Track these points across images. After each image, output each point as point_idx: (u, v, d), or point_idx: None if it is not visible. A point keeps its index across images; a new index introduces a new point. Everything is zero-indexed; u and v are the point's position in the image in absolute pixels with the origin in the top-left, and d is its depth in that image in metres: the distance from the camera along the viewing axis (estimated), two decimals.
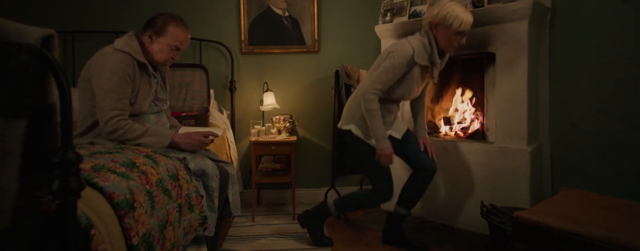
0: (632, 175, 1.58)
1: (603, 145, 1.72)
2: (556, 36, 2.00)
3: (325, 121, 2.63)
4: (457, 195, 2.14)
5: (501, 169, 1.96)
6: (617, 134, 1.65)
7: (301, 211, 2.43)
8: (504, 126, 1.99)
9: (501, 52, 2.01)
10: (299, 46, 2.65)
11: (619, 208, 1.25)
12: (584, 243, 1.12)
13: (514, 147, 1.93)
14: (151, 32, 1.47)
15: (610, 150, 1.68)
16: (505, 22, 1.97)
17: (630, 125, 1.59)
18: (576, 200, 1.35)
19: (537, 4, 1.91)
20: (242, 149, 2.63)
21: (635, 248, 1.00)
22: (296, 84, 2.67)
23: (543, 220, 1.23)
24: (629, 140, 1.60)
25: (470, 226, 2.06)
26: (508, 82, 1.99)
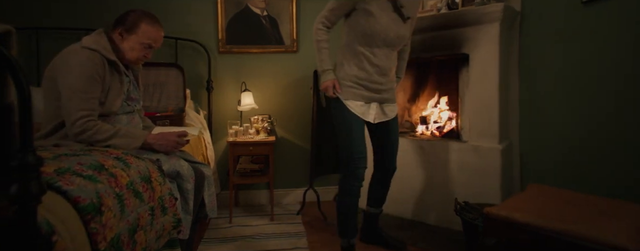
0: (594, 171, 1.66)
1: (568, 142, 1.81)
2: (525, 38, 2.08)
3: (304, 121, 2.63)
4: (432, 193, 2.19)
5: (474, 167, 2.02)
6: (581, 132, 1.74)
7: (280, 211, 2.44)
8: (477, 125, 2.06)
9: (474, 54, 2.07)
10: (278, 46, 2.64)
11: (580, 202, 1.31)
12: (547, 236, 1.17)
13: (486, 145, 2.00)
14: (122, 29, 1.42)
15: (575, 147, 1.77)
16: (478, 25, 2.04)
17: (594, 123, 1.67)
18: (542, 196, 1.41)
19: (508, 7, 1.98)
20: (219, 150, 2.60)
21: (590, 239, 1.06)
22: (275, 84, 2.66)
23: (511, 215, 1.28)
24: (592, 137, 1.68)
25: (445, 223, 2.11)
26: (481, 83, 2.05)
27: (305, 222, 2.26)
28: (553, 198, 1.38)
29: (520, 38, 2.10)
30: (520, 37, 2.10)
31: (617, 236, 1.03)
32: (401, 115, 2.56)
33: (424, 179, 2.22)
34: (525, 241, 1.26)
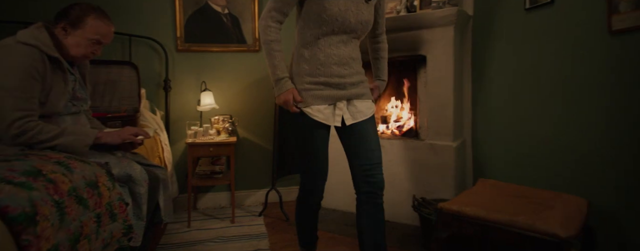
0: (537, 165, 1.79)
1: (515, 139, 1.93)
2: (477, 41, 2.19)
3: (267, 121, 2.61)
4: (392, 191, 2.25)
5: (431, 164, 2.11)
6: (527, 129, 1.87)
7: (242, 213, 2.40)
8: (434, 124, 2.15)
9: (431, 55, 2.16)
10: (240, 45, 2.59)
11: (523, 194, 1.41)
12: (493, 227, 1.25)
13: (442, 143, 2.09)
14: (65, 23, 1.33)
15: (521, 143, 1.90)
16: (434, 28, 2.12)
17: (538, 121, 1.80)
18: (490, 190, 1.50)
19: (461, 11, 2.08)
20: (177, 152, 2.50)
21: (529, 228, 1.15)
22: (236, 84, 2.61)
23: (461, 210, 1.35)
24: (537, 134, 1.81)
25: (404, 219, 2.18)
26: (437, 83, 2.14)
27: (267, 223, 2.25)
28: (499, 191, 1.47)
29: (473, 41, 2.22)
30: (472, 40, 2.22)
31: (551, 225, 1.12)
32: None
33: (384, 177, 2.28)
34: (474, 233, 1.34)
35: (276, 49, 1.30)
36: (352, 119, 1.38)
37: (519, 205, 1.31)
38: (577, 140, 1.58)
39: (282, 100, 1.32)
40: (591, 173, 1.51)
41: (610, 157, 1.43)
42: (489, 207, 1.32)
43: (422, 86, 2.25)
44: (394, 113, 2.47)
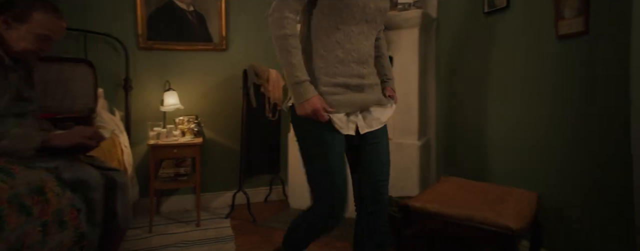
0: (496, 161, 1.88)
1: (476, 137, 2.02)
2: (441, 42, 2.27)
3: (234, 121, 2.55)
4: None
5: (397, 163, 2.14)
6: (486, 128, 1.95)
7: (208, 216, 2.33)
8: (400, 123, 2.20)
9: (397, 56, 2.20)
10: (206, 43, 2.52)
11: (481, 190, 1.47)
12: (453, 223, 1.30)
13: (407, 142, 2.14)
14: (8, 16, 1.23)
15: (481, 141, 1.98)
16: (400, 29, 2.17)
17: (497, 120, 1.89)
18: (451, 187, 1.56)
19: (426, 14, 2.14)
20: (139, 154, 2.40)
21: (485, 222, 1.21)
22: (202, 83, 2.53)
23: (424, 206, 1.39)
24: (495, 132, 1.90)
25: None
26: (403, 83, 2.19)
27: (234, 226, 2.20)
28: (460, 188, 1.53)
29: (437, 42, 2.29)
30: (436, 42, 2.29)
31: (505, 218, 1.18)
32: None
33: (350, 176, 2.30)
34: (437, 229, 1.38)
35: (294, 45, 1.05)
36: (366, 127, 1.19)
37: (476, 200, 1.37)
38: (530, 137, 1.67)
39: (310, 110, 1.04)
40: (542, 169, 1.61)
41: (559, 153, 1.53)
42: (449, 203, 1.37)
43: None
44: None
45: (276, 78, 2.58)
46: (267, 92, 2.52)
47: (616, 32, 1.29)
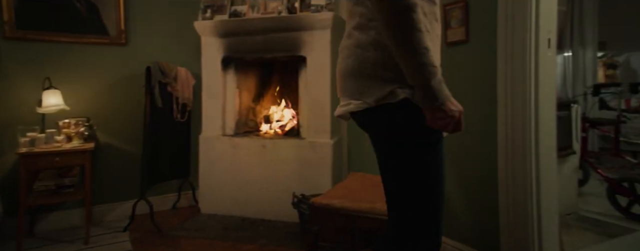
0: None
1: None
2: None
3: (135, 123, 2.29)
4: (274, 190, 2.23)
5: (311, 161, 2.16)
6: None
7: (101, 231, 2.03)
8: (313, 123, 2.21)
9: (311, 56, 2.23)
10: (100, 36, 2.23)
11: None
12: (356, 216, 1.33)
13: (320, 141, 2.16)
14: None
15: None
16: (313, 30, 2.20)
17: None
18: (357, 182, 1.60)
19: (337, 16, 2.21)
20: (6, 164, 1.99)
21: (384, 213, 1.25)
22: (96, 82, 2.23)
23: (331, 203, 1.40)
24: None
25: (286, 217, 2.18)
26: (316, 83, 2.22)
27: (134, 239, 1.96)
28: (364, 182, 1.58)
29: None
30: None
31: None
32: (246, 114, 2.54)
33: (266, 177, 2.25)
34: (343, 223, 1.40)
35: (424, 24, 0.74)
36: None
37: (379, 193, 1.42)
38: None
39: (458, 114, 0.76)
40: None
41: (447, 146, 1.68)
42: (354, 198, 1.40)
43: (303, 86, 2.30)
44: (277, 113, 2.47)
45: (185, 76, 2.40)
46: (175, 92, 2.33)
47: (488, 41, 1.47)
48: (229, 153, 2.31)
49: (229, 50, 2.36)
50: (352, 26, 0.84)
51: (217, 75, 2.38)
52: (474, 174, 1.56)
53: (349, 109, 0.82)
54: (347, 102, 0.83)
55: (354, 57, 0.81)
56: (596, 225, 2.10)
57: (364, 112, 0.80)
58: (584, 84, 3.88)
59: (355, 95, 0.81)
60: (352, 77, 0.81)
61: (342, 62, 0.86)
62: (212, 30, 2.35)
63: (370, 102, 0.77)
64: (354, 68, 0.81)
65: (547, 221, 1.30)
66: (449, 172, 1.67)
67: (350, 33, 0.85)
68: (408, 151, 0.79)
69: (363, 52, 0.79)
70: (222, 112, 2.39)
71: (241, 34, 2.33)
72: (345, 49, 0.86)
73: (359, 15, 0.81)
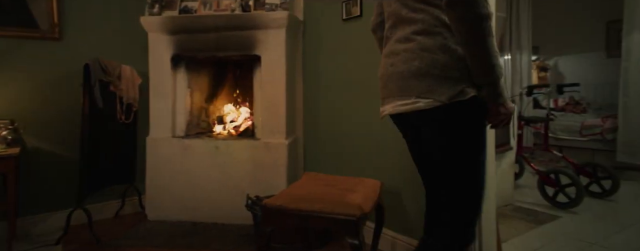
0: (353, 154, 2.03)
1: (336, 134, 2.15)
2: (307, 44, 2.36)
3: (71, 125, 2.10)
4: (228, 192, 2.17)
5: (265, 162, 2.13)
6: (344, 125, 2.09)
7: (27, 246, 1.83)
8: (268, 123, 2.18)
9: (265, 56, 2.19)
10: (27, 29, 2.02)
11: (337, 183, 1.56)
12: (310, 216, 1.32)
13: (275, 141, 2.14)
14: None
15: (340, 137, 2.12)
16: (268, 29, 2.17)
17: (351, 118, 2.04)
18: (311, 182, 1.60)
19: (292, 16, 2.19)
20: None
21: (337, 212, 1.27)
22: (24, 80, 2.02)
23: (283, 204, 1.38)
24: (350, 129, 2.05)
25: (240, 220, 2.12)
26: (271, 83, 2.19)
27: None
28: (317, 182, 1.58)
29: (304, 44, 2.37)
30: (303, 44, 2.37)
31: (352, 206, 1.27)
32: (198, 115, 2.45)
33: (219, 179, 2.18)
34: (296, 223, 1.39)
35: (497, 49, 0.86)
36: None
37: (331, 192, 1.43)
38: (375, 131, 1.86)
39: (511, 109, 0.89)
40: (385, 159, 1.81)
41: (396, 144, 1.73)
42: (308, 198, 1.40)
43: (258, 86, 2.26)
44: (231, 113, 2.40)
45: (131, 75, 2.26)
46: (119, 91, 2.18)
47: None
48: (179, 155, 2.20)
49: (180, 48, 2.26)
50: (410, 31, 0.93)
51: (166, 74, 2.26)
52: None
53: (417, 107, 0.89)
54: (411, 100, 0.90)
55: (420, 59, 0.89)
56: (528, 214, 2.29)
57: (431, 110, 0.87)
58: (520, 85, 4.23)
59: (423, 94, 0.88)
60: (418, 78, 0.89)
61: (401, 65, 0.93)
62: (160, 27, 2.23)
63: (443, 99, 0.85)
64: (421, 69, 0.88)
65: (486, 213, 1.40)
66: (401, 169, 1.73)
67: (409, 37, 0.93)
68: (470, 142, 0.90)
69: (431, 55, 0.87)
70: (172, 113, 2.27)
71: (192, 32, 2.23)
72: (404, 52, 0.93)
73: (420, 22, 0.91)
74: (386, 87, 0.99)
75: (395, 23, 0.98)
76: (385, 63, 0.99)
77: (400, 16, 0.96)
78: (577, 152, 3.66)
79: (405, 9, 0.94)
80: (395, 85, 0.95)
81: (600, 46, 4.26)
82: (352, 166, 2.01)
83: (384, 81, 1.00)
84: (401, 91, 0.93)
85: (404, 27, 0.95)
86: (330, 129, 2.18)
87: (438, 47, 0.87)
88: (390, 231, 1.76)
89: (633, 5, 3.37)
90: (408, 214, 1.69)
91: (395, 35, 0.98)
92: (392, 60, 0.96)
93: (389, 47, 0.99)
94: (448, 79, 0.86)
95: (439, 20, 0.88)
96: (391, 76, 0.96)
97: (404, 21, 0.95)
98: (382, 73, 1.00)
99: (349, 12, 2.06)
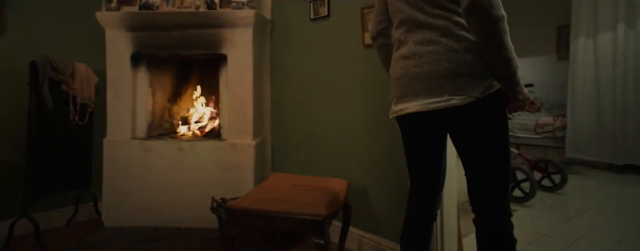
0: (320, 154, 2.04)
1: (303, 134, 2.14)
2: (275, 44, 2.33)
3: (15, 127, 1.95)
4: (192, 195, 2.10)
5: (232, 164, 2.09)
6: (310, 125, 2.10)
7: None
8: (235, 123, 2.14)
9: (232, 55, 2.14)
10: None
11: (303, 183, 1.55)
12: (275, 217, 1.31)
13: (242, 142, 2.10)
14: None
15: (307, 137, 2.12)
16: (234, 27, 2.12)
17: (317, 117, 2.05)
18: (278, 182, 1.59)
19: (259, 14, 2.16)
20: None
21: (302, 212, 1.27)
22: None
23: (249, 205, 1.36)
24: (316, 128, 2.06)
25: (205, 223, 2.07)
26: (238, 83, 2.14)
27: None
28: (285, 183, 1.57)
29: (272, 43, 2.35)
30: (271, 43, 2.35)
31: (317, 206, 1.27)
32: (160, 115, 2.35)
33: (183, 182, 2.11)
34: (262, 225, 1.37)
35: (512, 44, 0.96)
36: None
37: (297, 193, 1.42)
38: (343, 130, 1.88)
39: (527, 95, 1.02)
40: (352, 158, 1.83)
41: (364, 143, 1.76)
42: (273, 199, 1.38)
43: (224, 85, 2.21)
44: (196, 113, 2.33)
45: (85, 73, 2.13)
46: (72, 91, 2.04)
47: None
48: (139, 157, 2.10)
49: (140, 46, 2.16)
50: (434, 35, 1.01)
51: (126, 73, 2.15)
52: (389, 170, 1.66)
53: (451, 104, 0.98)
54: (444, 98, 0.98)
55: (448, 60, 0.98)
56: None
57: (465, 105, 0.97)
58: None
59: (456, 92, 0.97)
60: (448, 77, 0.97)
61: (428, 65, 1.01)
62: (119, 23, 2.12)
63: (476, 95, 0.95)
64: (451, 69, 0.97)
65: (447, 209, 1.45)
66: (368, 168, 1.75)
67: (433, 40, 1.01)
68: (501, 129, 1.01)
69: (459, 56, 0.97)
70: (132, 113, 2.17)
71: (154, 29, 2.14)
72: (430, 54, 1.01)
73: (441, 26, 1.00)
74: (407, 87, 1.05)
75: (411, 27, 1.06)
76: (405, 65, 1.06)
77: (418, 21, 1.04)
78: (533, 149, 3.90)
79: (423, 15, 1.03)
80: (421, 85, 1.02)
81: (552, 49, 4.56)
82: (320, 166, 2.02)
83: (403, 81, 1.06)
84: (430, 90, 1.00)
85: (423, 31, 1.03)
86: (298, 129, 2.17)
87: (464, 48, 0.97)
88: (357, 229, 1.78)
89: (579, 12, 3.64)
90: (375, 213, 1.72)
91: (412, 38, 1.05)
92: (414, 62, 1.04)
93: (406, 49, 1.06)
94: (477, 76, 0.96)
95: (459, 24, 0.99)
96: (415, 76, 1.03)
97: (422, 26, 1.03)
98: (402, 74, 1.07)
99: (316, 12, 2.06)
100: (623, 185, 2.98)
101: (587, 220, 2.20)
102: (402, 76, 1.06)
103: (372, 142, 1.73)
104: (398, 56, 1.10)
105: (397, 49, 1.11)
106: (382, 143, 1.67)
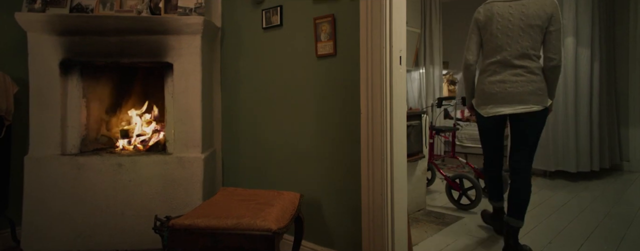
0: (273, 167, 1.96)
1: (256, 145, 2.06)
2: (225, 52, 2.24)
3: None
4: (133, 215, 1.92)
5: (178, 179, 1.94)
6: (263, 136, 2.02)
7: None
8: (181, 136, 2.00)
9: (178, 64, 2.02)
10: None
11: (254, 197, 1.47)
12: (222, 233, 1.22)
13: (190, 155, 1.97)
14: None
15: (260, 149, 2.04)
16: (181, 34, 2.00)
17: (271, 128, 1.98)
18: (226, 197, 1.49)
19: (208, 21, 2.06)
20: None
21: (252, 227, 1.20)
22: None
23: (193, 223, 1.26)
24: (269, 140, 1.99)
25: (148, 244, 1.89)
26: (185, 93, 2.02)
27: None
28: (233, 198, 1.48)
29: (222, 52, 2.25)
30: (221, 51, 2.25)
31: (267, 221, 1.20)
32: (97, 128, 2.14)
33: (122, 201, 1.91)
34: (206, 244, 1.27)
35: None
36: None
37: (247, 207, 1.34)
38: (297, 142, 1.83)
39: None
40: (307, 169, 1.78)
41: (317, 155, 1.73)
42: (220, 215, 1.29)
43: (170, 96, 2.06)
44: (137, 126, 2.15)
45: (2, 82, 1.88)
46: None
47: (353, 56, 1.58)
48: (70, 175, 1.88)
49: (72, 52, 1.96)
50: (532, 68, 1.84)
51: (54, 82, 1.93)
52: (343, 181, 1.63)
53: (533, 109, 1.81)
54: (529, 106, 1.82)
55: (534, 83, 1.82)
56: (437, 217, 2.48)
57: (538, 111, 1.83)
58: (433, 97, 4.64)
59: (537, 103, 1.81)
60: (533, 94, 1.81)
61: (521, 88, 1.82)
62: (44, 26, 1.91)
63: (545, 105, 1.84)
64: (533, 91, 1.82)
65: (398, 219, 1.44)
66: (321, 180, 1.71)
67: (521, 74, 1.84)
68: (542, 123, 1.87)
69: (537, 84, 1.83)
70: (62, 127, 1.95)
71: (89, 34, 1.96)
72: (521, 82, 1.84)
73: (535, 66, 1.85)
74: (505, 99, 1.84)
75: (505, 66, 1.88)
76: (500, 86, 1.86)
77: (513, 64, 1.86)
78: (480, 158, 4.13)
79: (516, 60, 1.85)
80: (516, 99, 1.82)
81: None
82: (273, 179, 1.94)
83: (502, 95, 1.85)
84: (522, 102, 1.81)
85: (514, 69, 1.85)
86: (250, 141, 2.08)
87: (539, 80, 1.83)
88: (310, 243, 1.72)
89: None
90: (328, 225, 1.68)
91: (506, 71, 1.86)
92: (508, 85, 1.84)
93: (501, 77, 1.87)
94: (544, 96, 1.84)
95: (536, 67, 1.85)
96: (510, 93, 1.83)
97: (514, 66, 1.85)
98: (498, 91, 1.86)
99: (269, 21, 2.01)
100: (554, 190, 3.24)
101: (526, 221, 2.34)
102: (498, 93, 1.85)
103: (326, 152, 1.70)
104: (494, 80, 1.87)
105: (490, 75, 1.90)
106: (337, 152, 1.65)
